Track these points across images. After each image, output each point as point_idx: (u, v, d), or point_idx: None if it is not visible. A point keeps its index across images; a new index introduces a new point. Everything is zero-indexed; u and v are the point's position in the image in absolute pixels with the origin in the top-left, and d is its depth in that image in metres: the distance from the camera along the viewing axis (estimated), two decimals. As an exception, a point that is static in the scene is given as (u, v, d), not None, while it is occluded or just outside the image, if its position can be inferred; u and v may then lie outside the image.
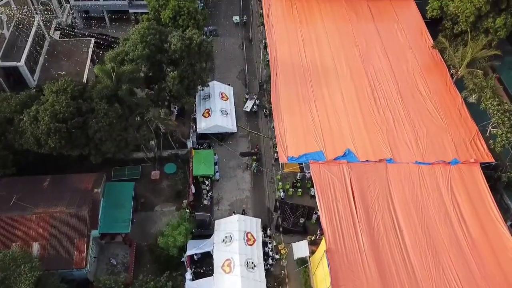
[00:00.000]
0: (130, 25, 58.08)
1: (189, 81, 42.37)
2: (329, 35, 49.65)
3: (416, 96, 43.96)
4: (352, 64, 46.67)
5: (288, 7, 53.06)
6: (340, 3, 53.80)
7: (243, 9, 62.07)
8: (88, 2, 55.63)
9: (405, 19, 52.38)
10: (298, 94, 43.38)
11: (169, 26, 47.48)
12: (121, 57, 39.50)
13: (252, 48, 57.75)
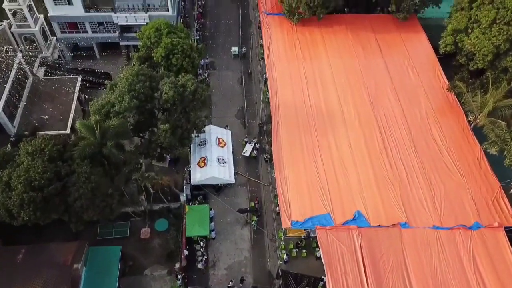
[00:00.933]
0: (121, 58, 54.63)
1: (183, 131, 38.67)
2: (334, 73, 45.95)
3: (431, 145, 40.21)
4: (361, 107, 42.94)
5: (290, 40, 49.40)
6: (345, 35, 50.17)
7: (242, 40, 58.37)
8: (76, 34, 51.89)
9: (417, 54, 48.67)
10: (301, 143, 39.64)
11: (161, 65, 43.95)
12: (107, 109, 35.76)
13: (251, 82, 53.97)
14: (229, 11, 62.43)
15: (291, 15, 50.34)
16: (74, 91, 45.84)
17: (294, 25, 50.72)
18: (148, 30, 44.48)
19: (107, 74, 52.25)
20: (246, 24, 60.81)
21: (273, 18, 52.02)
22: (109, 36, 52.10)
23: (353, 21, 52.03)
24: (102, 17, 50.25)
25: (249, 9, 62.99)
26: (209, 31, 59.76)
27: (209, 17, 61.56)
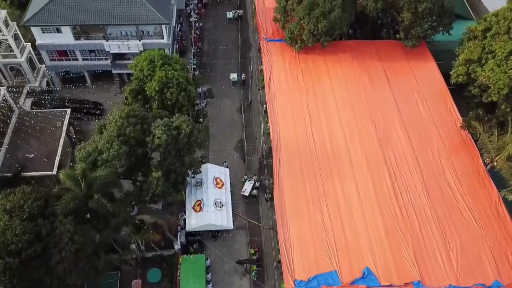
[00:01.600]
0: (114, 85, 51.85)
1: (177, 175, 35.90)
2: (339, 106, 43.07)
3: (445, 190, 37.30)
4: (368, 146, 40.05)
5: (292, 70, 46.54)
6: (351, 64, 47.31)
7: (241, 65, 55.60)
8: (66, 62, 49.11)
9: (427, 85, 45.78)
10: (305, 191, 36.70)
11: (155, 99, 41.17)
12: (94, 157, 32.91)
13: (251, 112, 51.19)
14: (227, 34, 59.70)
15: (293, 42, 47.56)
16: (62, 126, 43.03)
17: (297, 52, 47.92)
18: (141, 63, 41.65)
19: (98, 104, 49.51)
20: (245, 47, 58.04)
21: (274, 45, 49.20)
22: (101, 64, 49.31)
23: (359, 47, 49.22)
24: (93, 45, 47.48)
25: (248, 31, 60.30)
26: (207, 55, 56.98)
27: (207, 40, 58.82)
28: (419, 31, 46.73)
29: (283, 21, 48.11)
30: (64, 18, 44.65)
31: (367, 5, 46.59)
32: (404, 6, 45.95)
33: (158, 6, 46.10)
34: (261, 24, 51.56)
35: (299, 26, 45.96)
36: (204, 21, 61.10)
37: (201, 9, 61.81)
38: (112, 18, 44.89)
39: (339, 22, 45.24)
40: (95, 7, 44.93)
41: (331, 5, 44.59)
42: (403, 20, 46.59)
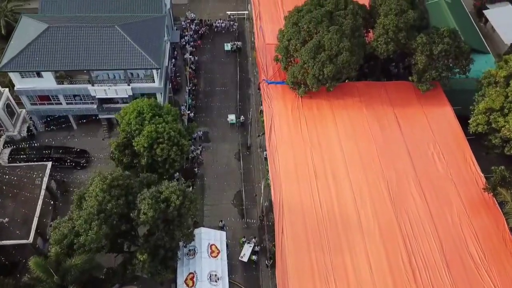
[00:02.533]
0: (101, 129, 47.76)
1: (166, 250, 31.79)
2: (348, 162, 39.00)
3: (467, 264, 33.21)
4: (380, 210, 35.97)
5: (295, 117, 42.47)
6: (359, 110, 43.29)
7: (240, 103, 51.59)
8: (49, 106, 45.07)
9: (442, 134, 41.73)
10: (312, 266, 32.54)
11: (144, 155, 37.13)
12: (70, 240, 28.81)
13: (250, 158, 47.11)
14: (225, 68, 55.71)
15: (296, 85, 43.58)
16: (42, 184, 38.96)
17: (300, 97, 43.93)
18: (128, 115, 37.68)
19: (84, 153, 45.46)
20: (244, 84, 54.02)
21: (275, 87, 45.18)
22: (86, 107, 45.25)
23: (368, 90, 45.21)
24: (77, 90, 43.43)
25: (247, 65, 56.32)
26: (203, 93, 52.94)
27: (203, 75, 54.81)
28: (434, 74, 42.74)
29: (285, 62, 44.13)
30: (45, 62, 40.65)
31: (377, 47, 42.66)
32: (418, 48, 42.02)
33: (149, 48, 42.14)
34: (261, 63, 47.57)
35: (303, 70, 41.99)
36: (200, 54, 57.13)
37: (197, 41, 57.85)
38: (97, 63, 40.92)
39: (346, 66, 41.24)
40: (78, 50, 40.98)
41: (338, 47, 40.63)
42: (417, 63, 42.64)
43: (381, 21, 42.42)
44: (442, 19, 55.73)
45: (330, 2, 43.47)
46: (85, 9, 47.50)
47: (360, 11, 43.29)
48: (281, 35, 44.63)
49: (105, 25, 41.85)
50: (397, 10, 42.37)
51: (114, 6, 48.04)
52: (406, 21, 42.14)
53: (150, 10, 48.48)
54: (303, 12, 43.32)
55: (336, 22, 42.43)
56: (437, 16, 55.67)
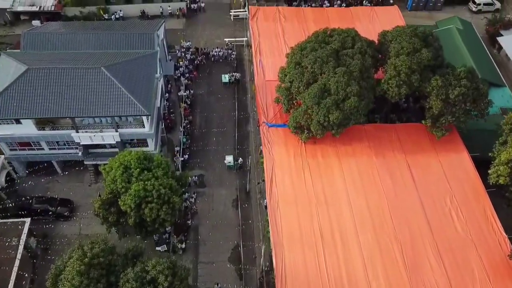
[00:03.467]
0: (87, 173, 44.06)
1: (154, 334, 28.08)
2: (357, 221, 35.31)
3: None
4: (394, 281, 32.23)
5: (298, 167, 38.77)
6: (369, 158, 39.60)
7: (238, 144, 47.85)
8: (30, 152, 41.40)
9: (460, 186, 38.07)
10: None
11: (131, 215, 33.52)
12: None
13: (249, 207, 43.35)
14: (223, 102, 51.96)
15: (298, 130, 39.95)
16: (19, 246, 35.27)
17: (303, 142, 40.29)
18: (114, 171, 34.09)
19: (68, 203, 41.74)
20: (243, 120, 50.27)
21: (276, 131, 41.53)
22: (71, 153, 41.60)
23: (377, 133, 41.56)
24: (59, 136, 39.77)
25: (247, 99, 52.61)
26: (199, 130, 49.21)
27: (199, 110, 51.06)
28: (450, 119, 39.09)
29: (286, 105, 40.49)
30: (24, 109, 37.02)
31: (388, 90, 39.01)
32: (432, 92, 38.38)
33: (139, 92, 38.51)
34: (260, 103, 43.92)
35: (306, 115, 38.35)
36: (196, 86, 53.44)
37: (193, 72, 54.17)
38: (81, 110, 37.25)
39: (355, 112, 37.61)
40: (61, 95, 37.34)
41: (345, 92, 37.02)
42: (431, 107, 38.99)
43: (392, 62, 38.80)
44: (454, 47, 52.41)
45: (336, 40, 39.94)
46: (71, 45, 44.00)
47: (369, 50, 39.69)
48: (283, 74, 41.07)
49: (90, 67, 38.23)
50: (409, 48, 38.81)
51: (102, 41, 44.51)
52: (420, 61, 38.56)
53: (141, 45, 44.94)
54: (307, 51, 39.71)
55: (343, 63, 38.86)
56: (448, 44, 52.33)
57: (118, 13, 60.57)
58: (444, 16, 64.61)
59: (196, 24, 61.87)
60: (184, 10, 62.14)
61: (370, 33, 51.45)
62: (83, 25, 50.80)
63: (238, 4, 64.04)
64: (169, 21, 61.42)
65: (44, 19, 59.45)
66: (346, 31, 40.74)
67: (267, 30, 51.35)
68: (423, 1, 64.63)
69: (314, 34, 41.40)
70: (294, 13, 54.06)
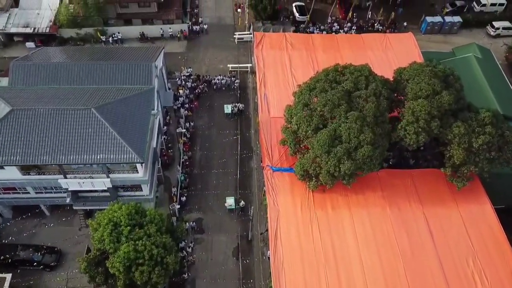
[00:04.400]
0: (77, 216, 40.99)
1: None
2: (369, 284, 31.96)
3: None
4: None
5: (306, 219, 35.44)
6: (382, 210, 36.30)
7: (241, 186, 44.45)
8: (15, 195, 38.32)
9: (483, 244, 34.64)
10: None
11: (120, 278, 30.39)
12: None
13: (252, 256, 40.04)
14: (225, 135, 48.58)
15: (306, 178, 36.63)
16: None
17: (310, 190, 36.95)
18: (102, 229, 30.93)
19: (53, 252, 38.60)
20: (246, 156, 46.89)
21: (281, 177, 38.24)
22: (58, 197, 38.50)
23: (391, 180, 38.16)
24: (46, 182, 36.66)
25: (250, 132, 49.26)
26: (198, 167, 45.91)
27: (199, 145, 47.77)
28: (472, 169, 35.64)
29: (293, 149, 37.22)
30: (5, 155, 33.89)
31: (405, 137, 35.54)
32: (454, 140, 34.95)
33: (132, 136, 35.29)
34: (265, 143, 40.65)
35: (315, 164, 35.04)
36: (197, 117, 50.18)
37: (193, 102, 50.96)
38: (69, 156, 34.08)
39: (368, 161, 34.24)
40: (47, 139, 34.23)
41: (358, 139, 33.68)
42: (452, 156, 35.54)
43: (410, 106, 35.35)
44: (472, 78, 49.02)
45: (348, 80, 36.56)
46: (62, 78, 40.83)
47: (384, 91, 36.22)
48: (289, 114, 37.77)
49: (79, 108, 35.05)
50: (429, 91, 35.37)
51: (96, 73, 41.38)
52: (440, 105, 35.14)
53: (138, 77, 41.63)
54: (316, 91, 36.41)
55: (355, 106, 35.52)
56: (466, 75, 48.94)
57: (116, 35, 57.56)
58: (460, 40, 61.21)
59: (198, 47, 58.65)
60: (186, 32, 58.97)
61: (384, 63, 48.49)
62: (78, 51, 47.86)
63: (242, 26, 60.84)
64: (169, 44, 58.52)
65: (38, 41, 56.70)
66: (359, 69, 37.37)
67: (272, 60, 48.03)
68: (438, 25, 61.08)
69: (324, 72, 38.01)
70: (302, 40, 50.73)
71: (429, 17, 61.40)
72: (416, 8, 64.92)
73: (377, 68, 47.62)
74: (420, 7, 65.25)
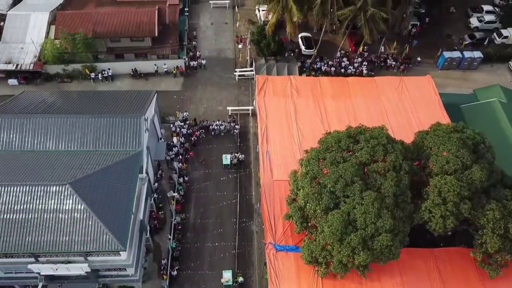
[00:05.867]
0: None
1: None
2: None
3: None
4: None
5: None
6: None
7: (239, 257, 39.47)
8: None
9: None
10: None
11: None
12: None
13: None
14: (223, 190, 43.78)
15: (314, 263, 31.77)
16: None
17: (319, 277, 32.10)
18: None
19: None
20: (245, 218, 42.08)
21: (286, 258, 33.36)
22: (31, 278, 33.76)
23: (411, 262, 33.20)
24: (14, 266, 32.02)
25: (251, 187, 44.42)
26: (192, 229, 41.01)
27: (193, 202, 42.91)
28: (508, 258, 30.71)
29: (299, 227, 32.38)
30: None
31: (430, 220, 30.54)
32: (488, 225, 30.01)
33: (113, 216, 30.63)
34: (267, 213, 35.79)
35: (325, 252, 30.20)
36: (192, 168, 45.42)
37: (189, 152, 46.18)
38: (39, 242, 29.40)
39: (386, 252, 29.36)
40: (11, 223, 29.53)
41: (376, 226, 28.80)
42: (485, 242, 30.62)
43: (436, 184, 30.33)
44: (497, 127, 44.45)
45: (363, 150, 31.56)
46: (39, 137, 36.23)
47: (405, 164, 31.19)
48: (295, 185, 32.99)
49: (53, 184, 30.34)
50: (457, 165, 30.45)
51: (77, 131, 36.74)
52: (471, 182, 30.23)
53: (125, 133, 37.09)
54: (327, 163, 31.52)
55: (372, 182, 30.61)
56: (491, 123, 44.64)
57: (106, 71, 52.93)
58: (480, 77, 56.48)
59: (196, 85, 53.89)
60: (182, 68, 54.27)
61: (400, 111, 44.13)
62: (61, 97, 43.42)
63: (244, 60, 56.11)
64: (164, 81, 54.09)
65: (21, 78, 52.29)
66: (375, 136, 32.22)
67: (276, 110, 43.17)
68: (456, 60, 56.09)
69: (335, 137, 33.00)
70: (309, 84, 45.86)
71: (447, 52, 56.46)
72: (432, 39, 60.10)
73: (392, 118, 43.32)
74: (436, 38, 60.45)
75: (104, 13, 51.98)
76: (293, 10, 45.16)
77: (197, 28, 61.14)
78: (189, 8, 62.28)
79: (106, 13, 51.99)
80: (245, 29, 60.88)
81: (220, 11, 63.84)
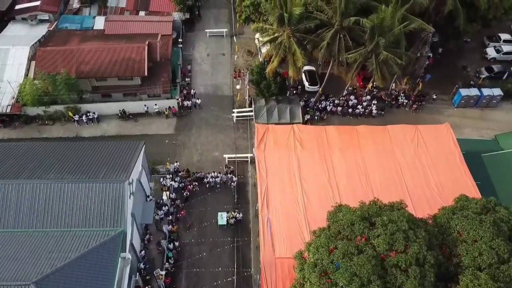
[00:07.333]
0: None
1: None
2: None
3: None
4: None
5: None
6: None
7: None
8: None
9: None
10: None
11: None
12: None
13: None
14: (218, 257, 39.00)
15: None
16: None
17: None
18: None
19: None
20: None
21: None
22: None
23: None
24: None
25: (250, 251, 39.66)
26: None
27: (185, 273, 38.14)
28: None
29: (307, 326, 27.68)
30: None
31: (460, 327, 25.86)
32: (530, 335, 25.32)
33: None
34: (268, 301, 31.22)
35: None
36: (183, 229, 40.73)
37: (181, 211, 41.50)
38: None
39: None
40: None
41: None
42: None
43: (467, 285, 25.62)
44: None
45: (380, 237, 26.85)
46: (4, 216, 31.60)
47: (429, 256, 26.46)
48: (301, 275, 28.27)
49: (13, 284, 25.63)
50: (492, 258, 25.81)
51: (51, 198, 32.19)
52: (509, 280, 25.57)
53: (105, 202, 32.58)
54: (339, 255, 26.81)
55: (391, 280, 25.90)
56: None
57: (91, 114, 48.28)
58: (499, 116, 52.00)
59: (190, 127, 49.25)
60: (175, 109, 49.64)
61: (416, 168, 39.70)
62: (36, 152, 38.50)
63: (242, 99, 51.45)
64: (155, 122, 49.58)
65: (-3, 121, 47.82)
66: (394, 220, 27.51)
67: (278, 167, 38.54)
68: (474, 98, 51.42)
69: (347, 218, 28.36)
70: (313, 134, 41.22)
71: (464, 89, 51.80)
72: (446, 72, 55.48)
73: (408, 176, 38.85)
74: (450, 71, 55.86)
75: (88, 50, 47.42)
76: (297, 54, 40.38)
77: (192, 60, 56.54)
78: (183, 37, 57.64)
79: (90, 50, 47.43)
80: (243, 61, 56.38)
81: (217, 40, 59.23)
